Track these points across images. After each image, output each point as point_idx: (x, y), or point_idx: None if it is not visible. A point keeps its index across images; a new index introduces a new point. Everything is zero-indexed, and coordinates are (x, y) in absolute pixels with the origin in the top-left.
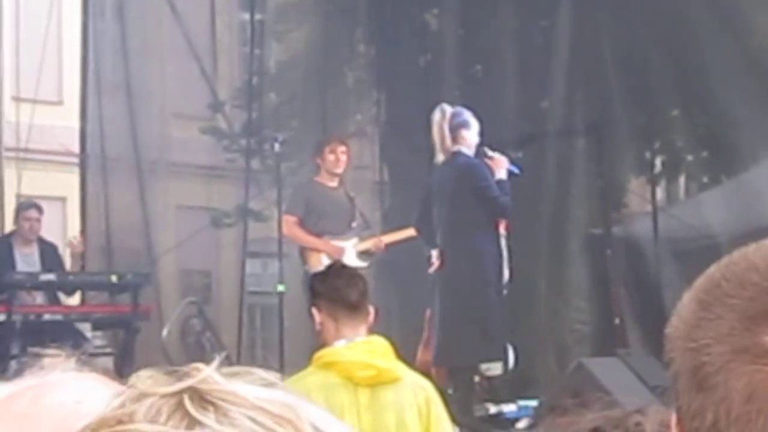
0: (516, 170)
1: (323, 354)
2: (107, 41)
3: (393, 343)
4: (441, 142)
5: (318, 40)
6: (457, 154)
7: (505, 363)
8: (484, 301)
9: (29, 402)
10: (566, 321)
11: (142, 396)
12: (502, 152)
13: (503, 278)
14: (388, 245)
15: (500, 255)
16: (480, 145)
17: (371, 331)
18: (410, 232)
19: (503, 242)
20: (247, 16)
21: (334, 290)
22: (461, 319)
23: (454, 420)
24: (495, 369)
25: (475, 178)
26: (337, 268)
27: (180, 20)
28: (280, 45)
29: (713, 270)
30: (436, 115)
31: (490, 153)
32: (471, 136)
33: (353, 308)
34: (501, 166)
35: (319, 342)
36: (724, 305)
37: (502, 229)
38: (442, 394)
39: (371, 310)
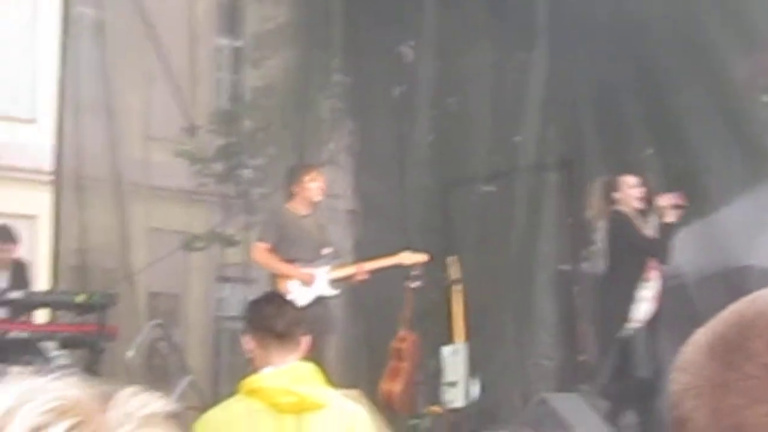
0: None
1: (248, 381)
2: (84, 62)
3: (323, 369)
4: None
5: (294, 68)
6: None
7: (468, 396)
8: None
9: None
10: (531, 355)
11: None
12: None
13: None
14: (371, 272)
15: None
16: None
17: (307, 357)
18: (393, 260)
19: None
20: (225, 42)
21: (262, 318)
22: None
23: None
24: (457, 401)
25: None
26: (268, 296)
27: (158, 44)
28: (257, 72)
29: (724, 328)
30: None
31: None
32: None
33: (281, 337)
34: None
35: (251, 369)
36: (756, 365)
37: None
38: (405, 423)
39: (304, 339)
